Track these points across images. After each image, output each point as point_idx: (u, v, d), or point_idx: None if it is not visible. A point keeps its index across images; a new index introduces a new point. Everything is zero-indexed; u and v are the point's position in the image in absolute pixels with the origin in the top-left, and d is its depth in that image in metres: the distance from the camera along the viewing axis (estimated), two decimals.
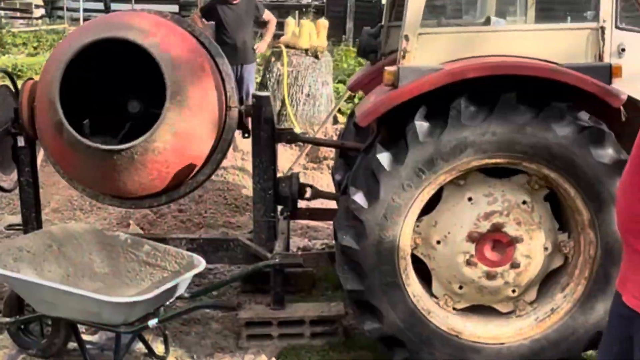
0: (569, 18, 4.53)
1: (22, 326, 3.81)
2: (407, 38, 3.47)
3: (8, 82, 4.32)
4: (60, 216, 5.98)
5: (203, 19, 7.22)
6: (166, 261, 3.81)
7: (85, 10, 21.93)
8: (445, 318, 3.58)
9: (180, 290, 3.60)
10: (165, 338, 3.86)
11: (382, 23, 4.65)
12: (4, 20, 20.91)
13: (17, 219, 5.48)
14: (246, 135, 4.22)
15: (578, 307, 3.51)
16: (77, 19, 22.12)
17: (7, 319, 3.71)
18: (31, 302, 3.55)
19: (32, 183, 4.25)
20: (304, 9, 16.51)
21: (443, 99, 3.37)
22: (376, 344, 3.81)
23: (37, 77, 4.24)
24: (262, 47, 7.65)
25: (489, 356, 3.53)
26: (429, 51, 3.49)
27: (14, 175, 4.32)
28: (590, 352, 3.75)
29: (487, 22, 4.09)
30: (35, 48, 18.51)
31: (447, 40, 3.59)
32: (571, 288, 3.55)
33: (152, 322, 3.38)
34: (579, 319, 3.51)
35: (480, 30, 3.95)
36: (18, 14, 23.36)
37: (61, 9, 22.85)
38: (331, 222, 5.66)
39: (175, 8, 19.71)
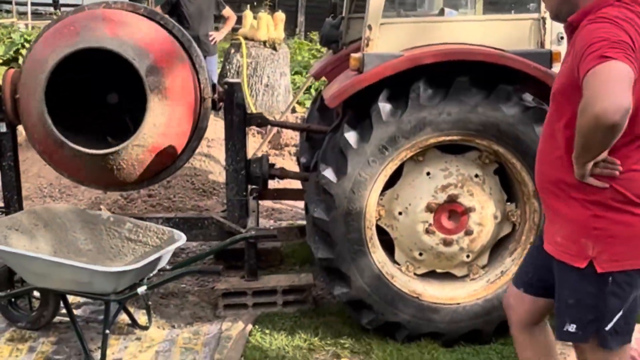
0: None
1: (12, 300, 4.04)
2: (370, 27, 3.81)
3: None
4: (31, 203, 6.14)
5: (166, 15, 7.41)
6: (148, 237, 4.07)
7: (33, 4, 21.71)
8: (407, 282, 3.93)
9: (163, 263, 3.87)
10: (148, 309, 4.12)
11: (343, 15, 4.98)
12: None
13: None
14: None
15: None
16: (25, 13, 21.86)
17: None
18: (25, 275, 3.77)
19: (14, 167, 4.45)
20: (254, 3, 16.74)
21: (403, 83, 3.72)
22: (343, 311, 4.15)
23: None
24: (217, 36, 7.79)
25: (447, 315, 3.90)
26: (390, 39, 3.83)
27: None
28: None
29: (442, 13, 4.47)
30: None
31: (406, 29, 3.94)
32: (518, 252, 3.94)
33: (142, 290, 3.65)
34: None
35: (435, 21, 4.31)
36: None
37: (9, 2, 22.52)
38: (295, 203, 6.03)
39: None
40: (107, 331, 3.68)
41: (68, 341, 3.90)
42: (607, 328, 2.40)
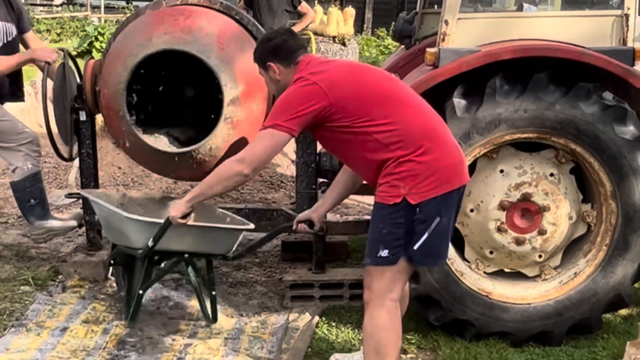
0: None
1: None
2: (447, 22, 3.79)
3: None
4: None
5: (247, 8, 7.47)
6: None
7: None
8: (476, 280, 3.89)
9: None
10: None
11: (417, 10, 4.96)
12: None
13: (64, 192, 5.85)
14: None
15: (599, 271, 3.81)
16: (98, 7, 22.51)
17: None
18: (174, 244, 3.78)
19: (92, 154, 4.57)
20: None
21: (479, 78, 3.69)
22: (410, 306, 4.12)
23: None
24: None
25: (517, 315, 3.84)
26: (467, 34, 3.80)
27: (74, 147, 4.67)
28: (608, 315, 4.10)
29: (520, 8, 4.41)
30: (58, 35, 18.87)
31: (483, 24, 3.91)
32: (593, 254, 3.85)
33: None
34: (600, 282, 3.81)
35: (513, 16, 4.26)
36: (38, 1, 23.75)
37: None
38: (362, 198, 6.02)
39: None
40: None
41: (141, 324, 3.99)
42: (415, 247, 2.97)
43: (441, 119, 3.19)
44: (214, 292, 3.98)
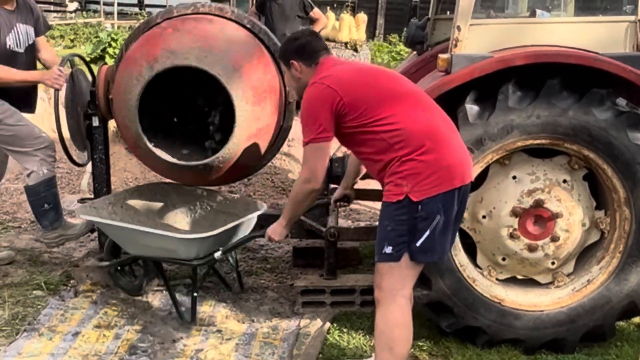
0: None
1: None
2: (459, 28, 3.78)
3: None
4: None
5: (258, 14, 7.50)
6: (235, 208, 4.37)
7: (119, 4, 22.41)
8: (488, 286, 3.87)
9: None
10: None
11: (429, 16, 4.96)
12: None
13: (76, 197, 5.87)
14: None
15: (613, 279, 3.78)
16: (112, 13, 22.64)
17: None
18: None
19: (105, 160, 4.59)
20: (334, 4, 16.83)
21: (491, 84, 3.67)
22: (422, 313, 4.11)
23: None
24: None
25: (529, 322, 3.82)
26: (479, 40, 3.79)
27: (87, 152, 4.69)
28: (621, 323, 4.06)
29: (533, 14, 4.40)
30: (72, 41, 18.96)
31: (495, 30, 3.89)
32: (606, 261, 3.82)
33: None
34: (613, 289, 3.79)
35: (526, 22, 4.24)
36: (52, 7, 23.90)
37: (96, 2, 23.33)
38: (373, 204, 6.01)
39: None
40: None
41: (152, 329, 4.01)
42: (417, 244, 3.08)
43: (450, 120, 3.26)
44: (239, 269, 4.53)
